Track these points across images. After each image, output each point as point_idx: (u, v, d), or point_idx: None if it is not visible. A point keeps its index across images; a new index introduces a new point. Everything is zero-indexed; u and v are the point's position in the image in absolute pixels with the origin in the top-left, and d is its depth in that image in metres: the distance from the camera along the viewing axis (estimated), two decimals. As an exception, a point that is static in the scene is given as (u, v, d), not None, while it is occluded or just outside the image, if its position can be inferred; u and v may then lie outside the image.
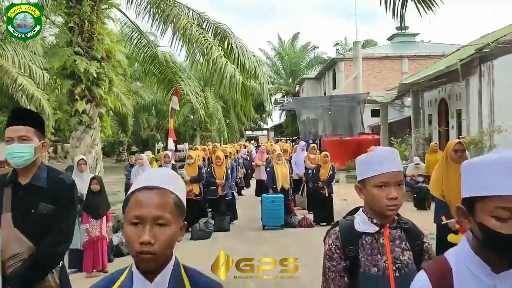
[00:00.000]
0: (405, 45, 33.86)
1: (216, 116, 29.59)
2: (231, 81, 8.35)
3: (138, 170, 8.19)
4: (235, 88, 8.28)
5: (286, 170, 8.54)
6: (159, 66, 12.15)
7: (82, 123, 9.27)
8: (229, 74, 8.32)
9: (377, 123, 25.70)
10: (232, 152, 11.73)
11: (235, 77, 8.38)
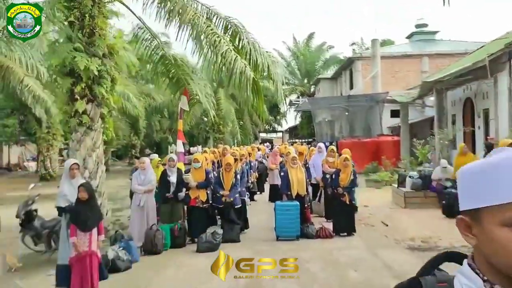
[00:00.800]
0: (424, 43, 32.75)
1: (229, 118, 28.89)
2: (241, 77, 7.63)
3: (140, 175, 7.51)
4: (246, 84, 7.56)
5: (302, 175, 7.77)
6: (167, 65, 11.51)
7: (82, 124, 8.64)
8: (239, 70, 7.61)
9: (397, 124, 24.70)
10: (244, 154, 10.98)
11: (246, 73, 7.66)
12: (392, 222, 8.84)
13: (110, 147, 34.00)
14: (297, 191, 7.63)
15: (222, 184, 7.39)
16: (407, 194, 10.45)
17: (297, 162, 7.85)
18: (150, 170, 7.59)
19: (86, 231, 4.65)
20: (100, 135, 9.03)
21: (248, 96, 7.73)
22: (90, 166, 8.62)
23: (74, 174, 5.17)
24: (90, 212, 4.65)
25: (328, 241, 7.26)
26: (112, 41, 9.42)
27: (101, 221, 4.87)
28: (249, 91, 7.54)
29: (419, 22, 35.25)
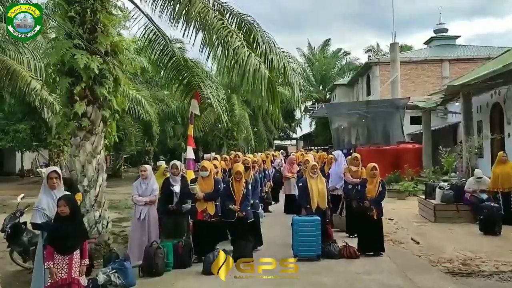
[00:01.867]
0: (444, 48, 31.66)
1: (243, 124, 28.12)
2: (255, 75, 6.81)
3: (141, 184, 6.72)
4: (260, 84, 6.72)
5: (323, 186, 6.90)
6: (178, 67, 10.79)
7: (81, 128, 7.94)
8: (252, 67, 6.79)
9: (417, 131, 23.64)
10: (258, 162, 10.13)
11: (260, 71, 6.83)
12: (423, 239, 7.90)
13: (123, 153, 33.58)
14: (317, 204, 6.76)
15: (233, 195, 6.55)
16: (438, 207, 9.48)
17: (318, 171, 6.98)
18: (153, 178, 6.80)
19: (65, 254, 3.85)
20: (101, 140, 8.30)
21: (262, 98, 6.88)
22: (90, 173, 7.89)
23: (54, 184, 4.38)
24: (71, 230, 3.86)
25: (354, 262, 6.35)
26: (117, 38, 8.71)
27: (86, 241, 4.06)
28: (263, 91, 6.71)
29: (438, 27, 34.15)
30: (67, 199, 3.94)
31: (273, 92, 7.25)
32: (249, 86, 6.90)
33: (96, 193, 7.92)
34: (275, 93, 7.25)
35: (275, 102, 7.30)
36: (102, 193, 8.04)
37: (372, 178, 6.73)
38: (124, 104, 9.77)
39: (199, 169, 6.82)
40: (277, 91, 7.33)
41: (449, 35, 34.09)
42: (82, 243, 3.97)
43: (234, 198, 6.56)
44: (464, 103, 14.04)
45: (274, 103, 7.27)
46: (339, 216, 8.60)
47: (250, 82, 6.80)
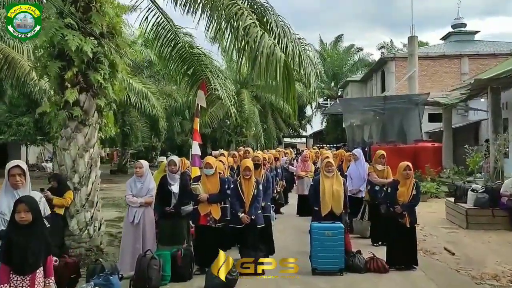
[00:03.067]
0: (463, 44, 30.40)
1: (252, 120, 27.19)
2: (269, 58, 5.87)
3: (135, 183, 5.82)
4: (275, 68, 5.78)
5: (340, 187, 5.92)
6: (182, 53, 9.89)
7: (73, 118, 7.07)
8: (266, 49, 5.84)
9: (436, 129, 22.54)
10: (269, 159, 9.20)
11: (275, 54, 5.89)
12: (458, 249, 6.92)
13: (129, 148, 32.84)
14: (330, 208, 5.79)
15: (241, 196, 5.62)
16: (470, 211, 8.48)
17: (333, 169, 6.00)
18: (149, 176, 5.89)
19: (25, 274, 2.97)
20: (95, 132, 7.43)
21: (277, 84, 5.93)
22: (81, 169, 7.03)
23: (17, 183, 3.47)
24: (32, 243, 2.97)
25: (383, 278, 5.40)
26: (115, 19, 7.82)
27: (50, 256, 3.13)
28: (279, 77, 5.76)
29: (456, 22, 32.86)
30: (29, 203, 3.04)
31: (289, 79, 6.30)
32: (262, 71, 5.96)
33: (88, 191, 7.06)
34: (291, 80, 6.30)
35: (291, 90, 6.34)
36: (95, 191, 7.17)
37: (405, 180, 5.76)
38: (122, 92, 8.93)
39: (203, 166, 5.90)
40: (293, 78, 6.37)
41: (468, 30, 32.79)
42: (45, 260, 3.07)
43: (243, 200, 5.63)
44: (492, 98, 12.97)
45: (290, 91, 6.31)
46: (360, 221, 7.65)
47: (263, 66, 5.86)
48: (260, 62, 5.80)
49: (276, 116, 36.78)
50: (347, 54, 43.55)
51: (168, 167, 6.00)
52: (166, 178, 5.99)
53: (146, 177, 5.81)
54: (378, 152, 7.45)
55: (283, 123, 39.48)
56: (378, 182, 7.18)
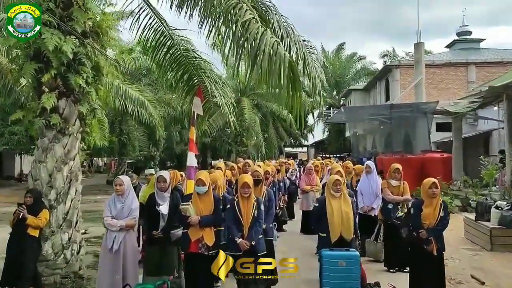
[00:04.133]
0: (469, 52, 29.67)
1: (253, 129, 26.38)
2: (271, 58, 5.08)
3: (115, 202, 4.99)
4: (278, 69, 4.98)
5: (349, 208, 5.06)
6: (176, 57, 9.16)
7: (50, 126, 6.28)
8: (268, 47, 5.05)
9: (444, 138, 21.71)
10: (271, 171, 8.39)
11: (279, 53, 5.10)
12: (487, 276, 6.08)
13: (126, 158, 32.07)
14: (339, 233, 4.95)
15: (239, 219, 4.78)
16: (495, 231, 7.62)
17: (342, 188, 5.15)
18: (131, 194, 5.06)
19: None
20: (76, 142, 6.63)
21: (281, 87, 5.12)
22: (59, 184, 6.24)
23: None
24: None
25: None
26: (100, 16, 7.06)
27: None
28: (283, 79, 4.96)
29: (461, 29, 32.17)
30: None
31: (295, 82, 5.50)
32: (263, 72, 5.15)
33: (66, 209, 6.24)
34: (297, 83, 5.50)
35: (297, 95, 5.54)
36: (74, 209, 6.35)
37: (430, 199, 4.92)
38: (108, 98, 8.17)
39: (194, 183, 5.07)
40: (299, 81, 5.57)
41: (473, 38, 32.08)
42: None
43: (242, 223, 4.79)
44: (508, 106, 12.17)
45: (296, 96, 5.50)
46: (374, 242, 6.80)
47: (265, 67, 5.06)
48: (262, 61, 4.99)
49: (277, 125, 36.04)
50: (349, 63, 42.93)
51: (157, 184, 5.18)
52: (154, 197, 5.17)
53: (128, 196, 4.98)
54: (393, 166, 6.62)
55: (285, 132, 38.75)
56: (392, 200, 6.35)
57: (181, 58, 9.16)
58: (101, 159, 46.12)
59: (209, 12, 5.73)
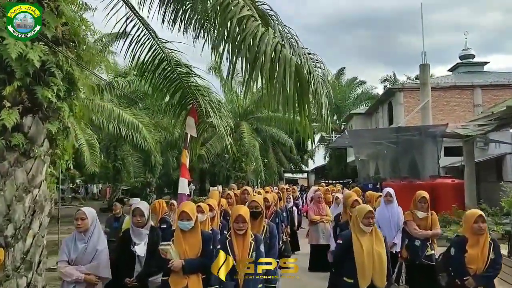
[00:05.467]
0: (473, 75, 29.01)
1: (253, 154, 25.40)
2: (274, 61, 4.14)
3: (75, 242, 3.93)
4: (283, 73, 4.03)
5: (382, 247, 4.03)
6: (167, 73, 8.33)
7: (12, 148, 5.27)
8: (270, 48, 4.12)
9: (453, 163, 20.72)
10: (272, 199, 7.36)
11: (284, 55, 4.17)
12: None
13: (121, 185, 31.01)
14: (371, 280, 3.89)
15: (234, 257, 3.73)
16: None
17: (373, 221, 4.12)
18: (97, 231, 3.99)
19: None
20: (43, 167, 5.61)
21: (287, 96, 4.16)
22: (19, 217, 5.17)
23: None
24: None
25: None
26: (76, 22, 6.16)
27: None
28: (289, 85, 4.01)
29: (464, 53, 31.63)
30: None
31: (302, 90, 4.53)
32: (266, 78, 4.21)
33: (26, 247, 5.14)
34: (304, 91, 4.54)
35: (305, 105, 4.57)
36: (36, 247, 5.25)
37: (477, 236, 3.89)
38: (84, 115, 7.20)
39: (177, 217, 4.02)
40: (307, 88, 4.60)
41: (477, 62, 31.54)
42: None
43: (236, 269, 3.72)
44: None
45: (304, 107, 4.54)
46: (395, 285, 5.70)
47: (266, 71, 4.11)
48: (263, 65, 4.04)
49: (277, 150, 35.15)
50: (349, 87, 42.42)
51: (132, 219, 4.15)
52: (128, 234, 4.13)
53: (93, 234, 3.92)
54: (418, 194, 5.56)
55: (285, 157, 37.81)
56: (420, 235, 5.30)
57: (173, 74, 8.32)
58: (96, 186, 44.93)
59: (203, 17, 4.81)
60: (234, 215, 3.82)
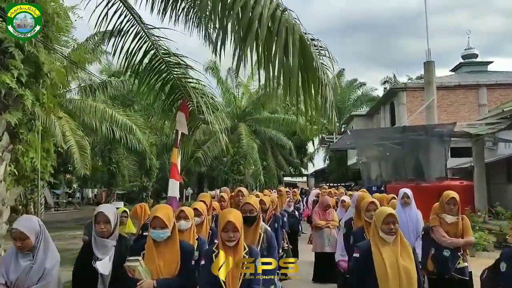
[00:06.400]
0: (477, 74, 28.20)
1: (251, 157, 24.54)
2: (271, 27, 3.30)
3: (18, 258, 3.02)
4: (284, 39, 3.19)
5: (411, 261, 3.19)
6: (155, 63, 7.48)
7: (-39, 141, 4.44)
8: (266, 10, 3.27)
9: (460, 164, 19.88)
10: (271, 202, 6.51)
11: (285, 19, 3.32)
12: None
13: (116, 189, 30.10)
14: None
15: (221, 284, 2.87)
16: None
17: (396, 228, 3.27)
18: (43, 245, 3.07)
19: None
20: (2, 165, 4.76)
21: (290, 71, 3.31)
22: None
23: None
24: None
25: None
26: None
27: None
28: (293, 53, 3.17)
29: (467, 52, 30.83)
30: None
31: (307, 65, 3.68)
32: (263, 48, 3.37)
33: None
34: (309, 66, 3.68)
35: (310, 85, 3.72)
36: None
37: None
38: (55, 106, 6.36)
39: (149, 224, 3.15)
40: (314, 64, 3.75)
41: (480, 61, 30.73)
42: None
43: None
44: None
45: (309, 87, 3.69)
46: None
47: (263, 39, 3.26)
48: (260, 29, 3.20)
49: (276, 153, 34.27)
50: (349, 89, 41.64)
51: (95, 227, 3.29)
52: (90, 247, 3.27)
53: (39, 250, 3.02)
54: (446, 194, 4.66)
55: (284, 160, 36.96)
56: (450, 244, 4.43)
57: (161, 65, 7.49)
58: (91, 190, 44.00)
59: None
60: (222, 222, 2.96)
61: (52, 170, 19.96)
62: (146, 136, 21.48)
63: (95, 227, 3.28)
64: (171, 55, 7.39)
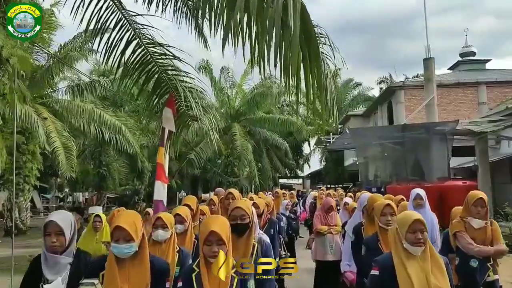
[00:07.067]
0: (475, 72, 27.70)
1: (246, 158, 23.85)
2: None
3: None
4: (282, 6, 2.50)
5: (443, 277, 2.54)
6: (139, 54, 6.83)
7: None
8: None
9: (461, 164, 19.29)
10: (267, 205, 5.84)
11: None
12: None
13: (106, 192, 29.33)
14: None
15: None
16: None
17: (425, 237, 2.59)
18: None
19: None
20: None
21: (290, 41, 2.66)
22: None
23: None
24: None
25: None
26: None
27: None
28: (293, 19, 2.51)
29: (465, 50, 30.36)
30: None
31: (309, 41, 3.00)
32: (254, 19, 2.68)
33: None
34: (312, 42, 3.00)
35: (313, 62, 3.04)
36: None
37: None
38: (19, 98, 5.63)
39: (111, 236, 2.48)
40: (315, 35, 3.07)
41: (478, 59, 30.26)
42: None
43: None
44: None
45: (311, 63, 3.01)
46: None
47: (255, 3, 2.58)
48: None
49: (271, 154, 33.62)
50: (345, 89, 41.08)
51: (45, 239, 2.60)
52: (39, 264, 2.58)
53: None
54: (473, 195, 3.95)
55: (279, 162, 36.33)
56: (477, 253, 3.76)
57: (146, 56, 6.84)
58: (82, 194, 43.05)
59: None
60: (204, 233, 2.28)
61: (38, 173, 19.35)
62: (136, 137, 20.71)
63: (45, 240, 2.58)
64: (156, 44, 6.73)
